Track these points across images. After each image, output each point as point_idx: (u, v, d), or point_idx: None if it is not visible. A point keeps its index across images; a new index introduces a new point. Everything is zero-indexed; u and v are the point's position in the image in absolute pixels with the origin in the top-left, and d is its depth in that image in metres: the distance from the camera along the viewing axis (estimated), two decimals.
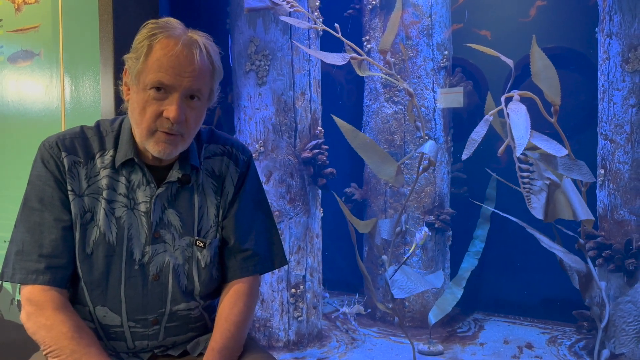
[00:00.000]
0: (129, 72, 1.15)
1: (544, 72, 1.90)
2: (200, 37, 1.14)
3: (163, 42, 1.10)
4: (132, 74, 1.13)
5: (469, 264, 2.86)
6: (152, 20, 1.15)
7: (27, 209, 1.17)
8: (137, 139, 1.17)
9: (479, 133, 1.94)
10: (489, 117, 1.95)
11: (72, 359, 1.07)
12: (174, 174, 1.21)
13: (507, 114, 1.88)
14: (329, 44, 2.55)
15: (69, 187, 1.17)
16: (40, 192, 1.16)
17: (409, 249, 2.75)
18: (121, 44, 1.96)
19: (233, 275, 1.28)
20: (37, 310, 1.12)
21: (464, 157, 1.92)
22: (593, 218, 2.05)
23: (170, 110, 1.10)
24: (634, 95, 2.16)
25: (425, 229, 2.33)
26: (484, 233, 2.93)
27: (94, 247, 1.17)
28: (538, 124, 1.88)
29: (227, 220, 1.27)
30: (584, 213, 1.96)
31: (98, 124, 1.25)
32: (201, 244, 1.23)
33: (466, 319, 2.94)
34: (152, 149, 1.15)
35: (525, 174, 1.95)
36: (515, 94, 1.93)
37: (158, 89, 1.11)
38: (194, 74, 1.11)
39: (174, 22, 1.16)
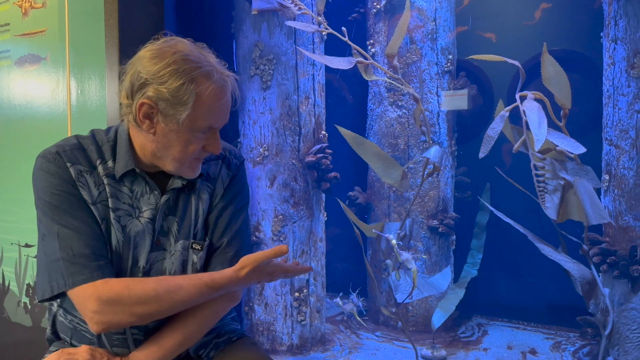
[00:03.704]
0: (162, 112, 1.14)
1: (555, 78, 1.90)
2: (229, 76, 1.21)
3: (213, 91, 1.15)
4: (175, 118, 1.14)
5: (468, 274, 2.86)
6: (182, 56, 1.13)
7: (54, 220, 1.15)
8: (170, 169, 1.22)
9: (495, 130, 1.92)
10: (504, 113, 1.94)
11: (209, 279, 1.18)
12: (177, 182, 1.25)
13: (523, 111, 1.87)
14: (333, 47, 2.55)
15: (83, 197, 1.18)
16: (58, 200, 1.15)
17: (412, 253, 2.74)
18: (127, 48, 1.97)
19: None
20: (116, 295, 1.11)
21: (481, 155, 1.91)
22: (608, 221, 2.01)
23: (215, 147, 1.22)
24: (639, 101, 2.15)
25: (392, 236, 2.25)
26: (480, 243, 2.92)
27: None
28: None
29: (210, 220, 1.31)
30: (596, 217, 1.91)
31: (93, 134, 1.27)
32: (198, 247, 1.27)
33: (469, 324, 2.93)
34: (187, 174, 1.24)
35: (540, 172, 1.92)
36: (529, 93, 1.92)
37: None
38: (229, 111, 1.24)
39: (195, 53, 1.16)
